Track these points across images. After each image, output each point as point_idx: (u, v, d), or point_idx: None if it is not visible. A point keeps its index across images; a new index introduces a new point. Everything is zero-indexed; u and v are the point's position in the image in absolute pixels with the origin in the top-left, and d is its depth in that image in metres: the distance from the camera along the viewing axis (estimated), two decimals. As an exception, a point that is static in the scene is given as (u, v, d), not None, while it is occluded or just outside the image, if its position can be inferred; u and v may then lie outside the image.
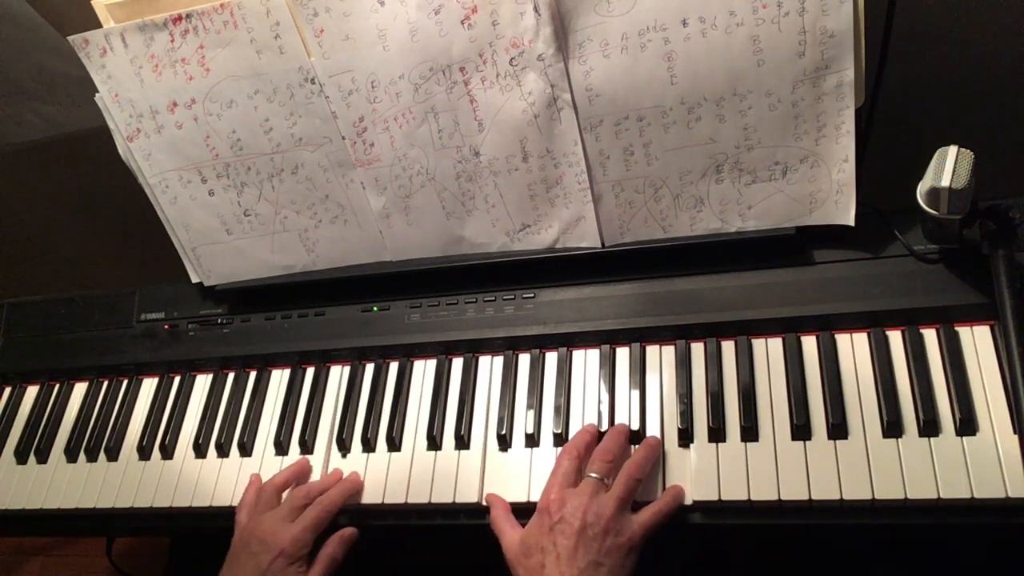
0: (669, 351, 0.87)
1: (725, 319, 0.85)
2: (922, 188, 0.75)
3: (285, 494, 0.89)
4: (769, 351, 0.84)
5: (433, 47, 0.82)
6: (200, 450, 0.97)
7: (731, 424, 0.80)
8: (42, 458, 1.04)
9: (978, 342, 0.78)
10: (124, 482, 0.98)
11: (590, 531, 0.72)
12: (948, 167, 0.71)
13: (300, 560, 0.82)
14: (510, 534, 0.78)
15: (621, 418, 0.84)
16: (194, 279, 1.04)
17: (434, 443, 0.89)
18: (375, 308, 0.98)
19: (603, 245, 0.90)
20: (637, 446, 0.81)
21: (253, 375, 1.02)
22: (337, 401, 0.96)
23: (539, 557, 0.73)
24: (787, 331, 0.84)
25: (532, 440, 0.85)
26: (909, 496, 0.71)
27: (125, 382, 1.07)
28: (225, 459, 0.96)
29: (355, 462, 0.91)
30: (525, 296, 0.93)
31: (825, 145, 0.80)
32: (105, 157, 1.01)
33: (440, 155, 0.89)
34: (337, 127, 0.89)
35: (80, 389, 1.09)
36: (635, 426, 0.82)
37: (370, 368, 0.97)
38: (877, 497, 0.72)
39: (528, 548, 0.75)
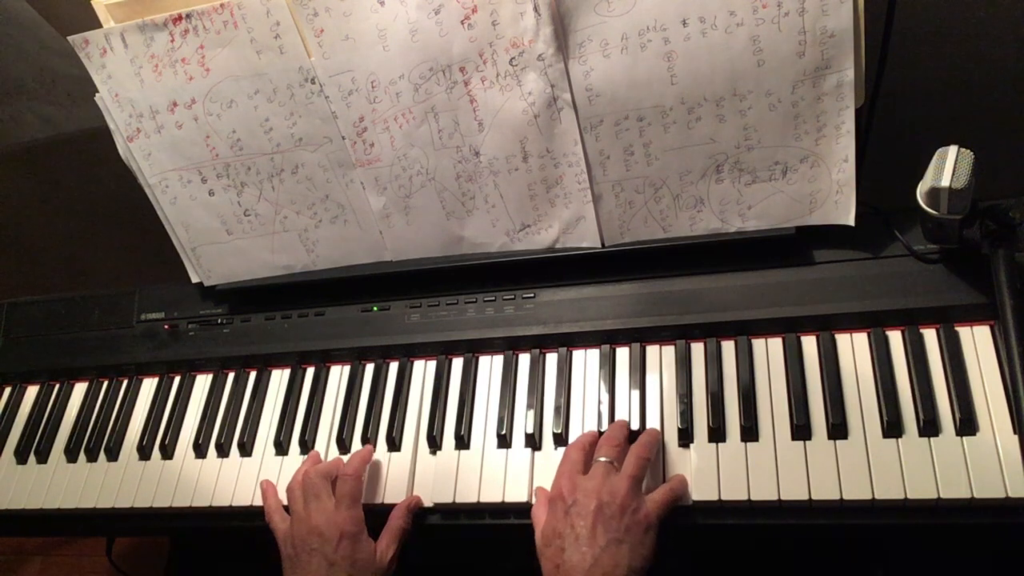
0: (669, 351, 0.87)
1: (725, 319, 0.85)
2: (922, 188, 0.75)
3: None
4: (769, 351, 0.84)
5: (433, 47, 0.82)
6: (200, 450, 0.97)
7: (731, 424, 0.80)
8: (42, 458, 1.04)
9: (978, 342, 0.78)
10: (124, 482, 0.98)
11: (607, 510, 0.72)
12: (948, 167, 0.71)
13: (362, 535, 0.81)
14: (540, 526, 0.77)
15: (621, 418, 0.84)
16: (194, 279, 1.04)
17: (434, 443, 0.89)
18: (375, 308, 0.98)
19: (603, 245, 0.90)
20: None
21: (253, 375, 1.02)
22: (337, 401, 0.96)
23: (558, 543, 0.72)
24: (787, 331, 0.84)
25: (532, 440, 0.85)
26: (909, 496, 0.71)
27: (125, 382, 1.07)
28: (225, 459, 0.96)
29: (355, 462, 0.91)
30: (525, 296, 0.93)
31: (825, 145, 0.80)
32: (105, 157, 1.01)
33: (440, 155, 0.89)
34: (337, 127, 0.89)
35: (80, 389, 1.09)
36: (635, 426, 0.82)
37: (370, 368, 0.97)
38: (877, 497, 0.72)
39: (547, 537, 0.74)
